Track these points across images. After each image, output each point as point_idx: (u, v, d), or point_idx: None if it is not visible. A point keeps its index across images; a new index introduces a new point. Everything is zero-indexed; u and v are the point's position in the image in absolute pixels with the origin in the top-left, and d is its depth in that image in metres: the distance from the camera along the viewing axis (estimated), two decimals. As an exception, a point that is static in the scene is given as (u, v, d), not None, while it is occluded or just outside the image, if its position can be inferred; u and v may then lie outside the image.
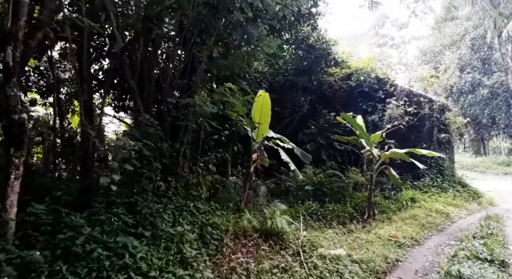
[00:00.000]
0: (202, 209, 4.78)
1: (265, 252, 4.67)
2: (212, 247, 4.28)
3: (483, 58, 25.16)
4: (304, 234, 5.66)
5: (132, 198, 3.91)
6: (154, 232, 3.80)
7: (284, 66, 14.13)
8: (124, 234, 3.51)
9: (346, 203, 9.44)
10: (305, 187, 10.04)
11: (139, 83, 4.89)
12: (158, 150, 4.35)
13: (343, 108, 13.74)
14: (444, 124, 12.07)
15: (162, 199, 4.48)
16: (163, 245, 3.73)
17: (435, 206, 9.28)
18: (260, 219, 5.28)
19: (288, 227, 5.63)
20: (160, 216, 4.03)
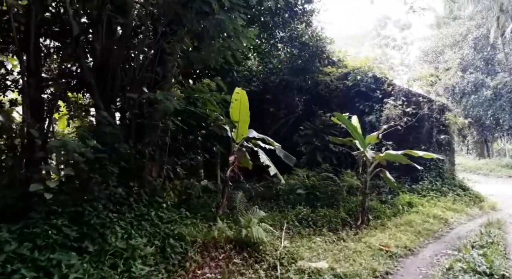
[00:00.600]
0: (166, 218, 4.29)
1: (236, 266, 4.19)
2: (173, 262, 3.79)
3: (486, 58, 24.58)
4: (285, 243, 5.18)
5: (80, 207, 3.44)
6: (101, 247, 3.32)
7: (279, 66, 13.66)
8: (64, 249, 3.05)
9: (340, 208, 8.97)
10: (297, 190, 9.56)
11: (100, 77, 4.43)
12: (115, 151, 3.89)
13: (339, 109, 13.22)
14: (444, 125, 11.54)
15: (120, 207, 4.01)
16: (109, 261, 3.25)
17: (433, 211, 8.75)
18: (237, 228, 4.78)
19: (269, 236, 5.16)
20: (113, 227, 3.55)
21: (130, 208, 4.10)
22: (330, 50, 14.18)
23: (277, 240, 5.35)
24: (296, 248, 5.19)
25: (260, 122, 14.46)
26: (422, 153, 8.11)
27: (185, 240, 4.08)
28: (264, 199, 9.60)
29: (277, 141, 14.88)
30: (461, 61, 24.28)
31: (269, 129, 14.43)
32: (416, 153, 8.11)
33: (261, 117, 14.60)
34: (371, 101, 12.97)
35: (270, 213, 8.26)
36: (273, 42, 12.22)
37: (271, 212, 8.37)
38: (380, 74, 13.14)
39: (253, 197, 9.72)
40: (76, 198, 3.50)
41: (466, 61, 24.48)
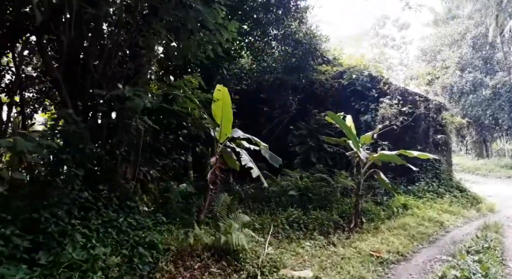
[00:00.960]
0: (137, 224, 3.97)
1: (213, 276, 3.89)
2: (141, 273, 3.47)
3: (485, 57, 24.29)
4: (270, 250, 4.88)
5: (36, 213, 3.13)
6: (57, 258, 3.00)
7: (274, 64, 13.37)
8: (12, 262, 2.75)
9: (333, 210, 8.71)
10: (289, 192, 9.28)
11: (70, 72, 4.12)
12: (80, 152, 3.59)
13: (335, 108, 12.94)
14: (441, 125, 11.25)
15: (86, 213, 3.70)
16: (63, 275, 2.93)
17: (429, 213, 8.47)
18: (216, 235, 4.47)
19: (252, 242, 4.86)
20: (74, 236, 3.23)
21: (98, 213, 3.78)
22: (326, 48, 13.91)
23: (261, 246, 5.05)
24: (280, 254, 4.89)
25: (254, 122, 14.21)
26: (417, 153, 7.82)
27: (157, 249, 3.77)
28: (255, 201, 9.32)
29: (271, 141, 14.63)
30: (459, 60, 24.04)
31: (263, 129, 14.19)
32: (411, 153, 7.82)
33: (255, 116, 14.34)
34: (366, 101, 12.69)
35: (260, 216, 7.99)
36: (267, 40, 11.94)
37: (261, 215, 8.10)
38: (376, 73, 12.86)
39: (244, 199, 9.46)
40: (33, 204, 3.20)
41: (464, 60, 24.20)
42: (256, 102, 13.87)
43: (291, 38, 10.60)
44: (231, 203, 6.02)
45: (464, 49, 24.03)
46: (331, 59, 13.91)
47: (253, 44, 12.07)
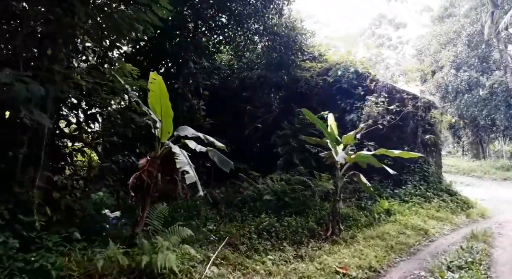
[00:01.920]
0: (29, 244, 3.19)
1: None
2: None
3: (481, 56, 23.63)
4: (213, 269, 4.16)
5: None
6: None
7: (257, 60, 12.66)
8: None
9: (310, 216, 8.05)
10: (264, 196, 8.58)
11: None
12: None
13: (320, 107, 12.29)
14: (430, 124, 10.56)
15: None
16: None
17: (413, 220, 7.78)
18: (139, 254, 3.73)
19: (191, 261, 4.15)
20: None
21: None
22: (311, 44, 13.25)
23: (207, 263, 4.33)
24: (227, 274, 4.18)
25: (237, 121, 13.53)
26: (398, 152, 7.13)
27: (49, 276, 3.02)
28: (230, 206, 8.65)
29: (255, 141, 13.96)
30: (454, 59, 23.39)
31: (245, 129, 13.52)
32: (392, 152, 7.13)
33: (239, 115, 13.65)
34: (352, 99, 12.03)
35: (231, 222, 7.32)
36: (248, 34, 11.24)
37: (232, 222, 7.43)
38: (363, 70, 12.19)
39: (217, 204, 8.77)
40: None
41: (460, 59, 23.55)
42: (239, 101, 13.20)
43: (269, 30, 9.90)
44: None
45: (459, 47, 23.37)
46: (317, 55, 13.25)
47: (233, 39, 11.40)
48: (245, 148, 13.33)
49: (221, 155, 4.69)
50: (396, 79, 11.36)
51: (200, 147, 4.80)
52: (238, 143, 13.35)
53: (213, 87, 13.12)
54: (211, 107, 13.29)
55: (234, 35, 11.20)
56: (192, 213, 7.66)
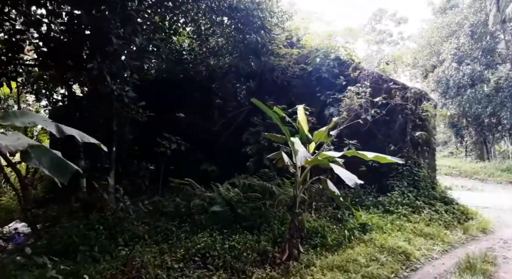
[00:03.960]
0: None
1: None
2: None
3: (485, 48, 21.75)
4: None
5: None
6: None
7: (225, 45, 10.96)
8: None
9: (266, 233, 6.45)
10: (211, 208, 6.97)
11: None
12: None
13: (299, 100, 10.65)
14: (421, 119, 8.85)
15: None
16: None
17: (393, 239, 6.11)
18: None
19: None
20: None
21: None
22: (288, 28, 11.59)
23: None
24: None
25: (206, 117, 11.92)
26: (373, 155, 5.47)
27: None
28: (172, 220, 7.05)
29: (225, 140, 12.27)
30: (456, 52, 21.60)
31: (214, 125, 11.90)
32: (364, 155, 5.48)
33: (209, 110, 12.05)
34: (333, 90, 10.35)
35: (151, 246, 5.70)
36: (212, 16, 9.60)
37: (155, 245, 5.83)
38: (346, 56, 10.52)
39: (156, 216, 7.16)
40: None
41: (462, 51, 21.72)
42: (208, 94, 11.59)
43: (229, 4, 8.22)
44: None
45: (462, 39, 21.53)
46: (295, 41, 11.59)
47: (196, 21, 9.79)
48: (214, 147, 11.73)
49: (57, 158, 2.92)
50: (383, 67, 9.62)
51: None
52: (207, 141, 11.76)
53: (174, 77, 11.56)
54: (171, 100, 11.75)
55: (198, 17, 9.61)
56: (114, 230, 6.05)
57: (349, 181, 4.66)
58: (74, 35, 5.95)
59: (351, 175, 4.83)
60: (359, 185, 9.14)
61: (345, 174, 4.80)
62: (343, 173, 4.81)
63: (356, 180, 4.68)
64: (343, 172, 4.86)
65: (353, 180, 4.65)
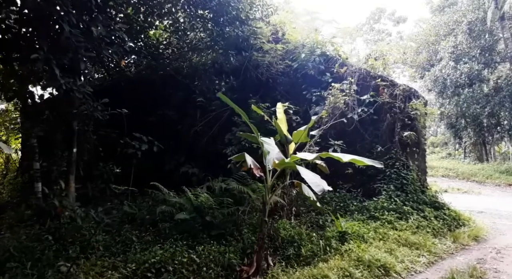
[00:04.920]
0: None
1: None
2: None
3: (484, 46, 21.14)
4: None
5: None
6: None
7: (205, 40, 10.37)
8: None
9: (239, 242, 5.87)
10: (176, 215, 6.38)
11: None
12: None
13: (284, 99, 10.14)
14: (410, 118, 8.28)
15: None
16: None
17: (374, 250, 5.53)
18: None
19: None
20: None
21: None
22: (273, 22, 11.05)
23: None
24: None
25: (188, 116, 11.36)
26: (350, 157, 4.88)
27: None
28: (136, 228, 6.47)
29: (207, 140, 11.68)
30: (453, 50, 21.00)
31: (196, 126, 11.31)
32: (339, 158, 4.90)
33: (191, 109, 11.48)
34: (319, 88, 9.79)
35: (103, 259, 5.10)
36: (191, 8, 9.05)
37: (124, 254, 5.26)
38: (333, 52, 9.96)
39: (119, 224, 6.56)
40: None
41: (460, 50, 21.12)
42: (190, 91, 11.02)
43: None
44: None
45: (460, 37, 20.93)
46: (280, 36, 11.03)
47: (172, 13, 9.24)
48: (196, 149, 11.15)
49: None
50: (372, 63, 9.05)
51: None
52: (189, 142, 11.19)
53: (154, 74, 10.99)
54: (152, 99, 11.19)
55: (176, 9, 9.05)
56: (65, 241, 5.47)
57: (315, 187, 4.08)
58: (20, 22, 5.39)
59: (319, 180, 4.24)
60: (347, 188, 8.70)
61: (312, 178, 4.22)
62: (310, 178, 4.22)
63: (324, 186, 4.09)
64: (310, 176, 4.27)
65: (320, 186, 4.06)
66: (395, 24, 45.82)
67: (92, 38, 5.67)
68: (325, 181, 4.41)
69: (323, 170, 7.31)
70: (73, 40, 5.37)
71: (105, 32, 6.06)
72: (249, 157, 4.85)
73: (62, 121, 6.43)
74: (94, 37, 5.78)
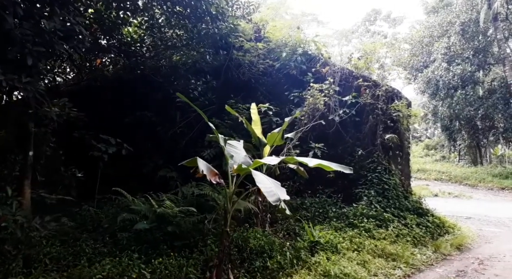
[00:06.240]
0: None
1: None
2: None
3: (477, 48, 20.81)
4: None
5: None
6: None
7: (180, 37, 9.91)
8: None
9: (204, 254, 5.45)
10: (135, 225, 5.92)
11: None
12: None
13: (267, 100, 9.76)
14: (393, 120, 7.88)
15: None
16: None
17: (346, 262, 5.12)
18: None
19: None
20: None
21: None
22: (255, 20, 10.66)
23: None
24: None
25: (168, 117, 10.95)
26: (316, 162, 4.49)
27: None
28: (94, 238, 6.01)
29: (186, 143, 11.23)
30: (446, 52, 20.67)
31: (176, 128, 10.87)
32: (304, 162, 4.50)
33: (171, 110, 11.04)
34: (301, 88, 9.40)
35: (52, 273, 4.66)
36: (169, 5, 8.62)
37: (57, 271, 4.80)
38: (315, 51, 9.58)
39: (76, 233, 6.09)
40: None
41: (453, 51, 20.78)
42: (171, 92, 10.61)
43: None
44: None
45: (453, 38, 20.60)
46: (262, 35, 10.64)
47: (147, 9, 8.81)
48: (176, 151, 10.71)
49: None
50: (355, 63, 8.66)
51: None
52: (168, 144, 10.76)
53: (131, 74, 10.58)
54: (131, 99, 10.77)
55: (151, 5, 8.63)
56: (9, 254, 4.99)
57: (270, 196, 3.65)
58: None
59: (277, 188, 3.82)
60: (328, 193, 8.29)
61: (268, 187, 3.79)
62: (266, 186, 3.80)
63: (281, 195, 3.66)
64: (267, 184, 3.85)
65: (276, 196, 3.63)
66: (390, 25, 45.51)
67: (42, 32, 5.24)
68: (284, 189, 3.99)
69: (302, 174, 6.94)
70: (18, 33, 4.94)
71: (60, 25, 5.62)
72: (202, 162, 4.43)
73: (16, 123, 5.99)
74: (45, 30, 5.36)
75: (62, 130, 7.32)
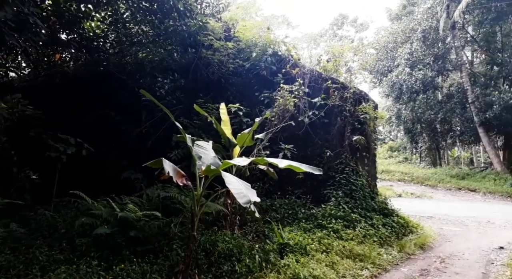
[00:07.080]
0: None
1: None
2: None
3: (437, 54, 21.87)
4: None
5: None
6: None
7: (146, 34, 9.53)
8: None
9: (169, 259, 5.19)
10: (95, 230, 5.55)
11: None
12: None
13: (237, 100, 9.57)
14: (360, 122, 8.02)
15: None
16: None
17: (314, 264, 5.09)
18: None
19: None
20: None
21: None
22: (225, 19, 10.50)
23: None
24: None
25: (133, 116, 10.50)
26: (286, 163, 4.40)
27: None
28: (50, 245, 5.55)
29: (152, 144, 10.80)
30: (409, 57, 21.55)
31: (141, 127, 10.44)
32: (274, 162, 4.41)
33: (137, 109, 10.58)
34: (271, 89, 9.34)
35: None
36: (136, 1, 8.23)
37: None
38: (285, 52, 9.56)
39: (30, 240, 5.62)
40: None
41: (415, 57, 21.70)
42: (135, 92, 10.15)
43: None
44: None
45: (415, 44, 21.53)
46: (233, 34, 10.49)
47: (110, 3, 8.39)
48: (141, 152, 10.27)
49: None
50: (324, 65, 8.74)
51: None
52: (133, 145, 10.28)
53: (94, 71, 10.06)
54: (93, 97, 10.23)
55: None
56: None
57: (240, 198, 3.52)
58: None
59: (247, 190, 3.69)
60: (298, 194, 8.27)
61: (238, 188, 3.65)
62: (236, 187, 3.66)
63: (251, 197, 3.54)
64: (237, 185, 3.71)
65: (246, 197, 3.50)
66: (357, 30, 46.86)
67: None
68: (255, 190, 3.87)
69: (272, 175, 6.86)
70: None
71: (12, 15, 5.19)
72: (168, 163, 4.21)
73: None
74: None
75: (16, 129, 6.78)
